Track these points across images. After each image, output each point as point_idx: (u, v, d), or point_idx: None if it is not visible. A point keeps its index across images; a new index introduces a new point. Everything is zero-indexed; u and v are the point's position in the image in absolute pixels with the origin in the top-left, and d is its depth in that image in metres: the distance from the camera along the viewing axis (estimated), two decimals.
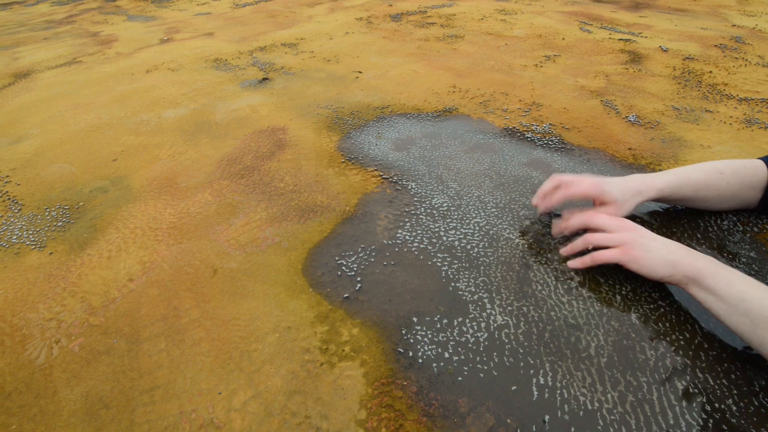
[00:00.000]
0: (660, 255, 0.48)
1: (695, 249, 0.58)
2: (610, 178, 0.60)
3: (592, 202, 0.60)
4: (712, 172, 0.59)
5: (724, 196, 0.60)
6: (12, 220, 0.76)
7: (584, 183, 0.58)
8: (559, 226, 0.60)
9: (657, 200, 0.61)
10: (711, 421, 0.40)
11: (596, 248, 0.54)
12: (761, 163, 0.58)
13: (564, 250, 0.57)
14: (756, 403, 0.41)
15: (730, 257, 0.57)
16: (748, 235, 0.60)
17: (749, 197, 0.60)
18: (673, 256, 0.48)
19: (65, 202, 0.80)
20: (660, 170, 0.76)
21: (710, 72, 1.19)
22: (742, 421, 0.39)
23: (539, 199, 0.62)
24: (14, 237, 0.72)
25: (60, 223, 0.74)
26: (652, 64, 1.26)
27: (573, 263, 0.55)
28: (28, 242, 0.70)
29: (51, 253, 0.68)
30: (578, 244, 0.55)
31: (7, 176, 0.90)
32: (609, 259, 0.51)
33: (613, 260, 0.51)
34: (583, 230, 0.57)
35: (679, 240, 0.60)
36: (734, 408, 0.40)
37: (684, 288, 0.47)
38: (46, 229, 0.73)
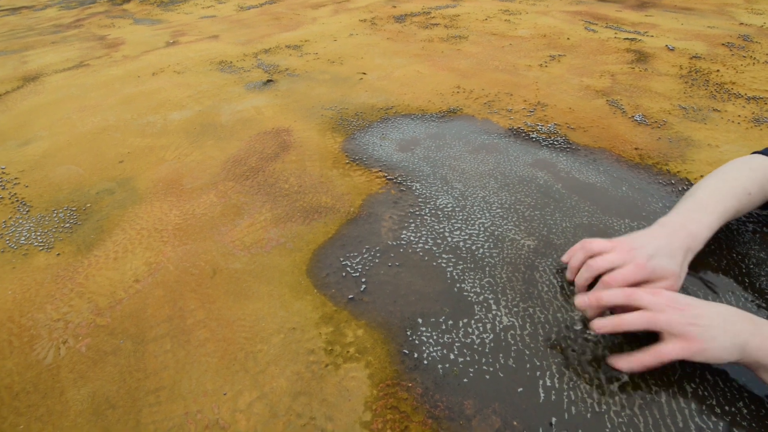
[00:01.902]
0: (726, 341, 0.40)
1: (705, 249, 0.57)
2: (650, 244, 0.48)
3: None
4: (742, 196, 0.54)
5: (747, 212, 0.59)
6: (20, 221, 0.77)
7: (629, 268, 0.47)
8: (590, 306, 0.47)
9: None
10: (721, 424, 0.39)
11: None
12: None
13: (606, 325, 0.44)
14: (767, 406, 0.40)
15: (739, 258, 0.56)
16: (757, 235, 0.60)
17: (761, 203, 0.59)
18: (741, 337, 0.40)
19: (72, 204, 0.81)
20: (667, 170, 0.75)
21: (717, 71, 1.18)
22: (753, 425, 0.39)
23: (572, 273, 0.52)
24: (22, 238, 0.73)
25: (67, 225, 0.75)
26: (659, 63, 1.25)
27: (628, 365, 0.43)
28: (36, 243, 0.71)
29: (58, 254, 0.68)
30: (635, 321, 0.43)
31: (16, 178, 0.91)
32: (672, 356, 0.41)
33: (677, 357, 0.41)
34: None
35: None
36: (745, 411, 0.40)
37: (753, 371, 0.41)
38: (54, 230, 0.74)
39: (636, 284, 0.47)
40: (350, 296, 0.55)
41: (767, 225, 0.61)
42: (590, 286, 0.49)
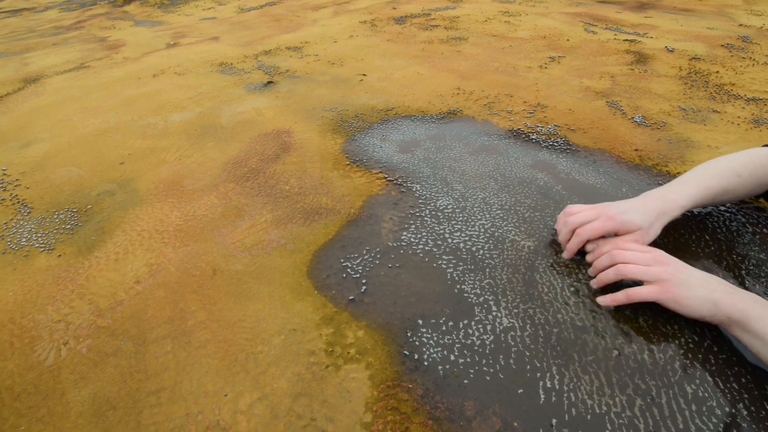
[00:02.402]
0: (701, 293, 0.44)
1: (705, 250, 0.57)
2: (626, 204, 0.55)
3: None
4: (731, 177, 0.56)
5: (738, 197, 0.60)
6: (21, 223, 0.77)
7: (599, 220, 0.54)
8: (592, 272, 0.54)
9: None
10: (722, 425, 0.39)
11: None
12: None
13: (595, 283, 0.52)
14: (767, 407, 0.40)
15: (739, 259, 0.56)
16: (757, 236, 0.60)
17: (757, 191, 0.60)
18: (716, 294, 0.44)
19: (73, 205, 0.81)
20: (667, 171, 0.76)
21: (717, 72, 1.18)
22: (754, 426, 0.39)
23: (569, 254, 0.57)
24: (23, 240, 0.73)
25: (68, 226, 0.75)
26: (658, 64, 1.25)
27: (604, 300, 0.50)
28: (37, 245, 0.71)
29: (59, 255, 0.68)
30: (609, 275, 0.50)
31: (17, 180, 0.91)
32: (646, 297, 0.47)
33: (650, 298, 0.47)
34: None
35: (685, 243, 0.59)
36: (745, 412, 0.40)
37: (725, 329, 0.45)
38: (55, 231, 0.74)
39: (607, 235, 0.54)
40: (351, 297, 0.55)
41: (766, 226, 0.61)
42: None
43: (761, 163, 0.57)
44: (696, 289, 0.45)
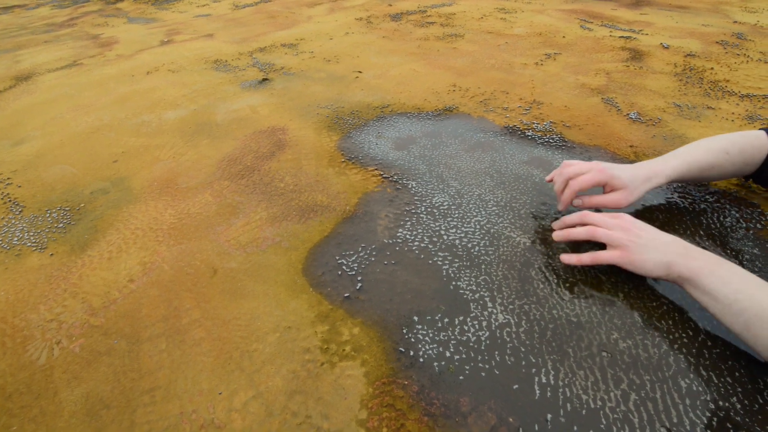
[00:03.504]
0: (655, 257, 0.48)
1: (699, 245, 0.58)
2: (618, 165, 0.60)
3: (602, 189, 0.61)
4: (719, 153, 0.59)
5: (726, 173, 0.62)
6: (13, 221, 0.76)
7: (591, 172, 0.58)
8: (557, 225, 0.60)
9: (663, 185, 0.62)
10: (715, 419, 0.39)
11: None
12: (764, 138, 0.60)
13: (558, 235, 0.57)
14: (761, 400, 0.40)
15: (733, 254, 0.56)
16: (751, 231, 0.60)
17: (746, 171, 0.62)
18: (669, 257, 0.48)
19: (66, 204, 0.80)
20: None
21: (712, 69, 1.18)
22: (747, 419, 0.39)
23: (563, 206, 0.62)
24: (15, 239, 0.72)
25: (61, 225, 0.75)
26: (653, 61, 1.25)
27: (568, 258, 0.55)
28: (29, 244, 0.71)
29: (52, 254, 0.68)
30: (579, 233, 0.55)
31: (9, 178, 0.90)
32: (607, 260, 0.52)
33: (611, 262, 0.52)
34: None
35: (681, 237, 0.59)
36: (738, 406, 0.40)
37: (681, 286, 0.48)
38: (47, 230, 0.73)
39: (596, 186, 0.59)
40: (346, 295, 0.55)
41: (760, 222, 0.62)
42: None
43: (750, 143, 0.59)
44: (651, 252, 0.49)
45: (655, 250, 0.49)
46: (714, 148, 0.60)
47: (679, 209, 0.65)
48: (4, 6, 3.94)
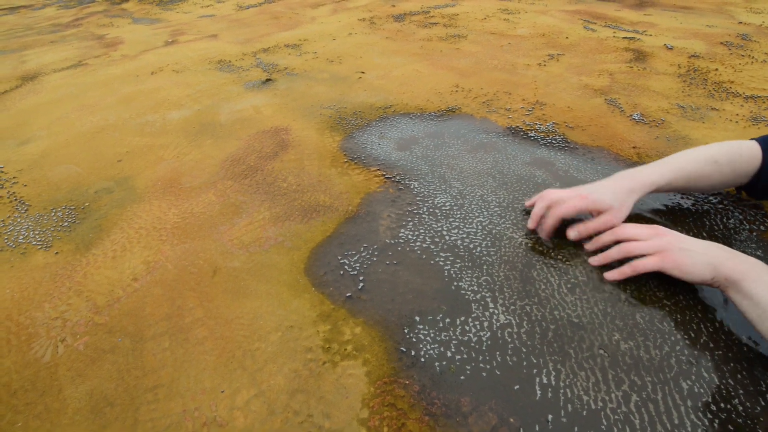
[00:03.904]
0: (702, 259, 0.46)
1: None
2: (596, 185, 0.58)
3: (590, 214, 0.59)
4: (708, 162, 0.58)
5: (715, 184, 0.60)
6: (19, 220, 0.77)
7: (572, 200, 0.57)
8: (591, 247, 0.57)
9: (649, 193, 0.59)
10: (717, 421, 0.39)
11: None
12: (756, 148, 0.57)
13: (595, 260, 0.55)
14: (762, 403, 0.40)
15: None
16: (754, 233, 0.60)
17: (737, 181, 0.60)
18: (716, 259, 0.46)
19: (71, 203, 0.81)
20: None
21: (716, 70, 1.18)
22: (749, 422, 0.39)
23: (534, 223, 0.61)
24: (21, 237, 0.73)
25: (66, 224, 0.75)
26: (657, 62, 1.25)
27: (611, 275, 0.53)
28: (34, 242, 0.71)
29: (57, 252, 0.68)
30: (613, 253, 0.53)
31: (15, 177, 0.91)
32: (650, 267, 0.49)
33: (654, 268, 0.49)
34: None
35: None
36: (740, 408, 0.40)
37: (723, 291, 0.46)
38: (52, 229, 0.74)
39: (580, 214, 0.58)
40: (348, 294, 0.55)
41: (763, 224, 0.61)
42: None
43: (740, 152, 0.58)
44: (696, 255, 0.47)
45: (700, 254, 0.47)
46: (703, 156, 0.58)
47: (682, 211, 0.65)
48: (10, 6, 3.97)
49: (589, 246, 0.57)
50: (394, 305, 0.53)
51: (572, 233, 0.58)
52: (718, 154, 0.58)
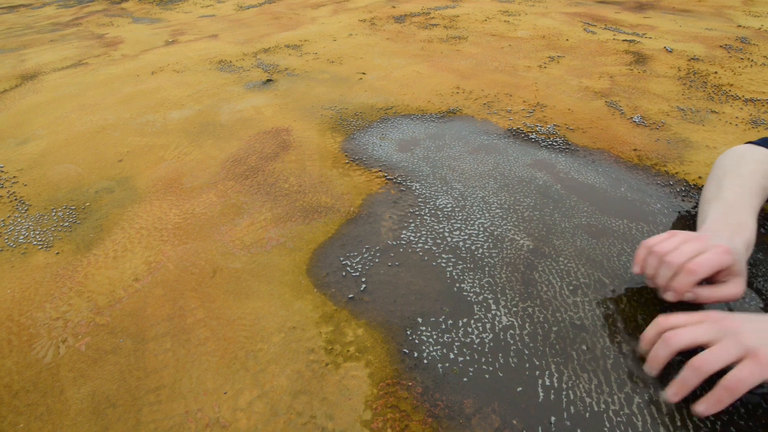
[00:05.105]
0: None
1: None
2: (719, 236, 0.45)
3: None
4: (761, 191, 0.53)
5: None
6: (19, 220, 0.77)
7: (711, 256, 0.43)
8: (655, 368, 0.42)
9: None
10: (719, 423, 0.39)
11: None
12: None
13: (673, 395, 0.40)
14: (765, 405, 0.40)
15: None
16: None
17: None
18: None
19: (71, 203, 0.81)
20: (665, 171, 0.76)
21: (715, 73, 1.18)
22: (751, 423, 0.39)
23: (641, 268, 0.49)
24: (21, 237, 0.72)
25: (66, 224, 0.75)
26: (657, 64, 1.26)
27: (705, 408, 0.37)
28: (35, 242, 0.71)
29: (57, 253, 0.68)
30: (690, 379, 0.38)
31: (15, 177, 0.91)
32: (751, 381, 0.35)
33: (756, 381, 0.35)
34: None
35: None
36: (742, 410, 0.40)
37: None
38: (53, 229, 0.74)
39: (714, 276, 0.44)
40: (350, 296, 0.55)
41: (764, 225, 0.62)
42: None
43: None
44: None
45: None
46: (756, 189, 0.52)
47: (684, 212, 0.65)
48: (9, 5, 3.96)
49: (651, 367, 0.42)
50: (396, 307, 0.53)
51: (689, 296, 0.44)
52: (764, 181, 0.53)
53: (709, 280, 0.45)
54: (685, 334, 0.39)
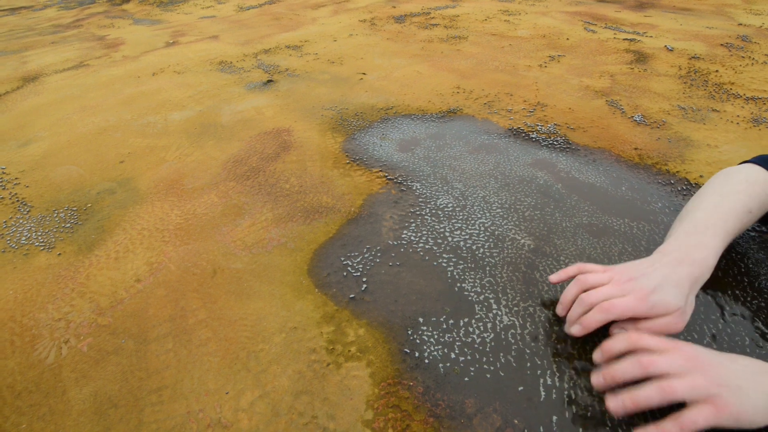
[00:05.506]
0: (759, 400, 0.35)
1: None
2: (651, 273, 0.44)
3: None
4: (743, 214, 0.50)
5: (746, 229, 0.55)
6: (21, 221, 0.77)
7: (627, 302, 0.42)
8: (599, 358, 0.42)
9: None
10: None
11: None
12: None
13: (621, 408, 0.37)
14: None
15: (738, 257, 0.56)
16: (755, 233, 0.60)
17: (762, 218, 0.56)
18: None
19: (73, 204, 0.81)
20: (666, 170, 0.76)
21: (716, 71, 1.18)
22: None
23: (564, 310, 0.48)
24: (23, 238, 0.73)
25: (68, 225, 0.75)
26: (658, 63, 1.25)
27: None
28: (37, 243, 0.71)
29: (59, 254, 0.68)
30: (652, 397, 0.36)
31: (17, 178, 0.91)
32: (702, 423, 0.34)
33: (708, 424, 0.34)
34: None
35: None
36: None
37: None
38: (55, 230, 0.74)
39: (634, 319, 0.43)
40: (351, 296, 0.55)
41: (766, 225, 0.61)
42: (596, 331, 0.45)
43: (765, 190, 0.51)
44: (752, 395, 0.35)
45: (755, 391, 0.35)
46: (739, 210, 0.49)
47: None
48: (11, 7, 3.97)
49: (596, 357, 0.43)
50: (397, 306, 0.53)
51: (618, 332, 0.44)
52: (750, 202, 0.50)
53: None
54: (661, 362, 0.38)
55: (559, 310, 0.49)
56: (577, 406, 0.41)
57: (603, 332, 0.48)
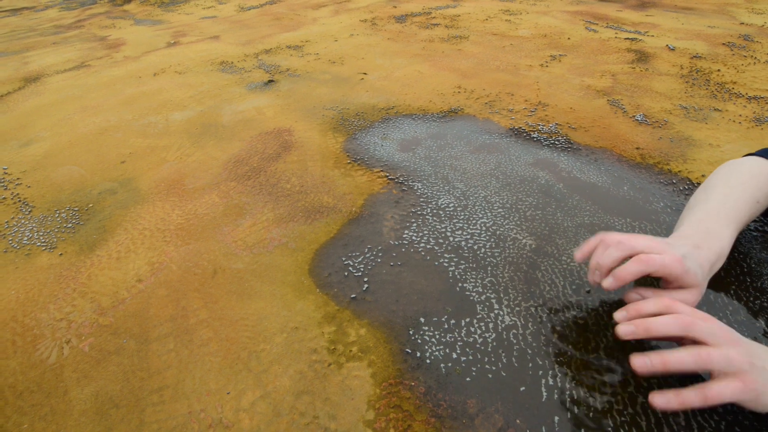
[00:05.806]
0: None
1: None
2: (683, 247, 0.44)
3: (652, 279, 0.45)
4: (752, 204, 0.51)
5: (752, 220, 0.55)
6: (23, 221, 0.77)
7: (665, 258, 0.41)
8: (622, 317, 0.42)
9: None
10: (723, 423, 0.39)
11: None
12: None
13: (633, 331, 0.39)
14: None
15: (741, 257, 0.56)
16: (759, 234, 0.60)
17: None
18: None
19: (75, 204, 0.81)
20: (668, 170, 0.76)
21: (718, 70, 1.18)
22: (755, 423, 0.39)
23: (582, 255, 0.47)
24: (25, 238, 0.73)
25: (70, 225, 0.75)
26: (659, 63, 1.25)
27: (664, 403, 0.37)
28: (38, 243, 0.71)
29: (61, 254, 0.68)
30: (687, 362, 0.36)
31: (18, 178, 0.91)
32: (728, 397, 0.35)
33: (733, 399, 0.35)
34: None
35: None
36: (747, 410, 0.40)
37: None
38: (56, 230, 0.74)
39: (665, 280, 0.43)
40: (352, 296, 0.55)
41: (766, 225, 0.61)
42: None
43: None
44: None
45: None
46: (748, 200, 0.50)
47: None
48: (12, 8, 3.98)
49: (618, 315, 0.42)
50: (398, 306, 0.53)
51: (634, 296, 0.45)
52: (758, 193, 0.51)
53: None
54: (703, 327, 0.37)
55: (578, 255, 0.48)
56: (579, 407, 0.41)
57: (602, 332, 0.48)
